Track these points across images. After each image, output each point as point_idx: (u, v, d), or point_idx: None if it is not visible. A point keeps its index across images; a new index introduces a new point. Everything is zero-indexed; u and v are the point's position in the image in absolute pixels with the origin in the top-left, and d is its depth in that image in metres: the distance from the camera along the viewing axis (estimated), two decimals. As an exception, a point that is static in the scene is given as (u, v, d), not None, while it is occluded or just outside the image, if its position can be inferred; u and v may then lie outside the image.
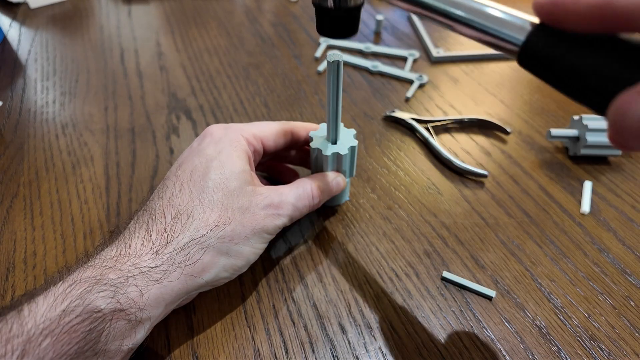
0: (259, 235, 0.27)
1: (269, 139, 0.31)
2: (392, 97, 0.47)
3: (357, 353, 0.27)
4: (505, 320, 0.29)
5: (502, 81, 0.49)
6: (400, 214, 0.35)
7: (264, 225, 0.27)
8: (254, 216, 0.26)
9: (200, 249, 0.24)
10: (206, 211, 0.25)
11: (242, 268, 0.27)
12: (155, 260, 0.23)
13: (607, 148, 0.38)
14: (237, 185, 0.26)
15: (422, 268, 0.31)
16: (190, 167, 0.27)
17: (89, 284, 0.21)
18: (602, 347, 0.27)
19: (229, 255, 0.25)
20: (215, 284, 0.26)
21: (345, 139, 0.31)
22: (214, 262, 0.25)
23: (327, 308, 0.29)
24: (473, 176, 0.38)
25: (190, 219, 0.25)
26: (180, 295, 0.24)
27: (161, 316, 0.25)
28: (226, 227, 0.25)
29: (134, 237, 0.24)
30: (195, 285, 0.25)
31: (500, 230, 0.34)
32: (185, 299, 0.26)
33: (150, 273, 0.23)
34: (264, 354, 0.27)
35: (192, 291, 0.25)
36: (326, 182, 0.31)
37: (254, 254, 0.27)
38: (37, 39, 0.57)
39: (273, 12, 0.63)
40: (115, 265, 0.22)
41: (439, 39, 0.56)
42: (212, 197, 0.26)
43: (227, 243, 0.25)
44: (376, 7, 0.63)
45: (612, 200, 0.36)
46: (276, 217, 0.27)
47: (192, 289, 0.25)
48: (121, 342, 0.22)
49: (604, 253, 0.32)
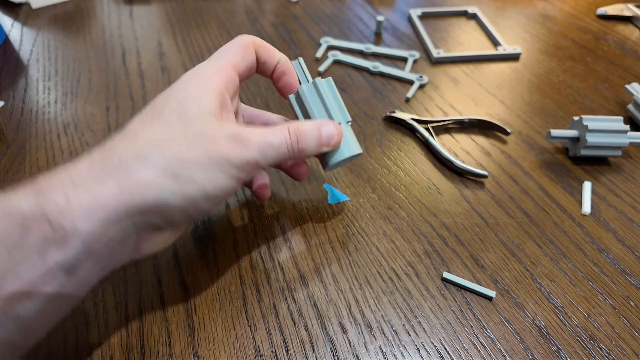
0: (218, 165, 0.23)
1: (237, 62, 0.28)
2: (392, 97, 0.47)
3: (357, 352, 0.27)
4: (505, 320, 0.29)
5: (502, 82, 0.49)
6: (401, 214, 0.35)
7: (226, 154, 0.24)
8: (212, 142, 0.24)
9: (140, 163, 0.22)
10: (155, 130, 0.23)
11: (197, 199, 0.23)
12: (89, 171, 0.22)
13: (607, 149, 0.38)
14: (196, 113, 0.24)
15: (422, 268, 0.32)
16: (153, 102, 0.25)
17: (18, 190, 0.21)
18: (601, 347, 0.27)
19: (177, 178, 0.23)
20: (167, 214, 0.23)
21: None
22: (157, 182, 0.22)
23: (327, 307, 0.29)
24: (473, 176, 0.38)
25: (136, 138, 0.23)
26: (119, 216, 0.21)
27: (103, 249, 0.22)
28: (174, 145, 0.23)
29: (79, 159, 0.23)
30: (136, 208, 0.22)
31: (500, 230, 0.34)
32: (140, 243, 0.24)
33: (81, 180, 0.21)
34: (265, 353, 0.27)
35: (135, 217, 0.22)
36: (312, 125, 0.27)
37: (212, 185, 0.23)
38: (39, 39, 0.57)
39: (274, 12, 0.63)
40: (50, 176, 0.22)
41: (439, 39, 0.56)
42: (166, 120, 0.24)
43: (174, 163, 0.23)
44: (376, 8, 0.63)
45: (612, 201, 0.36)
46: (242, 148, 0.24)
47: (133, 213, 0.22)
48: (45, 252, 0.20)
49: (603, 253, 0.32)
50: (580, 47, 0.55)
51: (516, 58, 0.53)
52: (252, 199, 0.36)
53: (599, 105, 0.46)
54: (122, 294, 0.30)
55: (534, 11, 0.63)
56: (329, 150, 0.28)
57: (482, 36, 0.57)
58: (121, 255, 0.23)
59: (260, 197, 0.33)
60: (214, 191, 0.24)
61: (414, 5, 0.64)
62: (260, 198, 0.33)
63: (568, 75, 0.50)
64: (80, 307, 0.29)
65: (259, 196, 0.33)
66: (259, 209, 0.36)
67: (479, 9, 0.62)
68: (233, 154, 0.24)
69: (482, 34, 0.58)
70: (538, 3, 0.65)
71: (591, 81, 0.49)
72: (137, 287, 0.30)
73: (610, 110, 0.45)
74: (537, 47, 0.55)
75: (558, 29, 0.59)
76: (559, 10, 0.63)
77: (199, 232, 0.34)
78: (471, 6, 0.63)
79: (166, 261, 0.32)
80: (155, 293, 0.30)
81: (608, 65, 0.52)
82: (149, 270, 0.31)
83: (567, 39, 0.56)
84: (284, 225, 0.34)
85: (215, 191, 0.24)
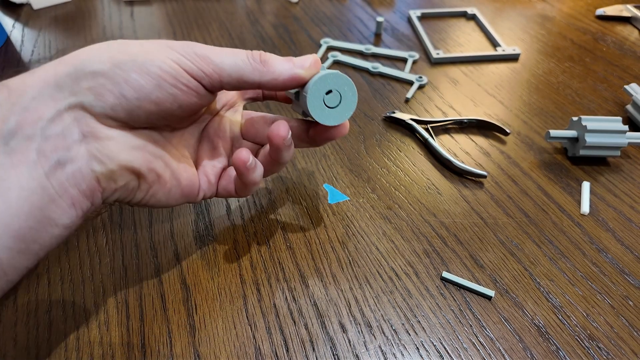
0: (158, 45, 0.23)
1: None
2: (392, 98, 0.47)
3: (357, 351, 0.27)
4: (504, 320, 0.29)
5: (501, 82, 0.50)
6: (400, 214, 0.35)
7: (172, 43, 0.23)
8: (165, 40, 0.24)
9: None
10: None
11: (128, 70, 0.22)
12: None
13: (606, 149, 0.38)
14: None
15: (421, 267, 0.32)
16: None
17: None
18: (600, 346, 0.27)
19: (111, 49, 0.22)
20: (98, 90, 0.21)
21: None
22: (90, 51, 0.22)
23: (327, 307, 0.30)
24: (472, 176, 0.38)
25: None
26: (48, 86, 0.21)
27: (39, 133, 0.20)
28: (126, 40, 0.23)
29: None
30: (63, 74, 0.21)
31: (499, 230, 0.34)
32: (90, 156, 0.22)
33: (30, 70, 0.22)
34: (265, 352, 0.27)
35: (65, 90, 0.21)
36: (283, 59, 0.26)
37: (143, 56, 0.22)
38: (40, 40, 0.58)
39: (274, 13, 0.63)
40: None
41: (438, 40, 0.57)
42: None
43: (114, 45, 0.22)
44: (376, 9, 0.64)
45: (611, 201, 0.36)
46: (195, 44, 0.24)
47: (61, 81, 0.21)
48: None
49: (602, 253, 0.33)
50: (579, 48, 0.55)
51: (515, 59, 0.53)
52: (252, 198, 0.37)
53: (598, 106, 0.46)
54: (123, 293, 0.30)
55: (533, 12, 0.63)
56: (304, 73, 0.26)
57: (482, 37, 0.58)
58: (67, 158, 0.21)
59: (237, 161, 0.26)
60: (143, 60, 0.22)
61: (413, 6, 0.64)
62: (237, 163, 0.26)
63: (567, 75, 0.50)
64: (81, 306, 0.29)
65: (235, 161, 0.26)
66: (259, 209, 0.36)
67: (478, 10, 0.62)
68: (179, 43, 0.23)
69: (482, 35, 0.58)
70: (537, 4, 0.65)
71: (590, 82, 0.49)
72: (138, 287, 0.30)
73: (609, 110, 0.45)
74: (536, 47, 0.55)
75: (557, 29, 0.59)
76: (557, 11, 0.63)
77: (199, 231, 0.34)
78: (470, 7, 0.63)
79: (167, 260, 0.32)
80: (156, 292, 0.30)
81: (607, 65, 0.52)
82: (150, 270, 0.31)
83: (566, 40, 0.57)
84: (284, 225, 0.35)
85: (146, 62, 0.22)
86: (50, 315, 0.29)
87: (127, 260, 0.32)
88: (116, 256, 0.32)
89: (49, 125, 0.21)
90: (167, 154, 0.26)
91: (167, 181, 0.26)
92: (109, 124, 0.22)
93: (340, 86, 0.27)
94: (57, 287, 0.31)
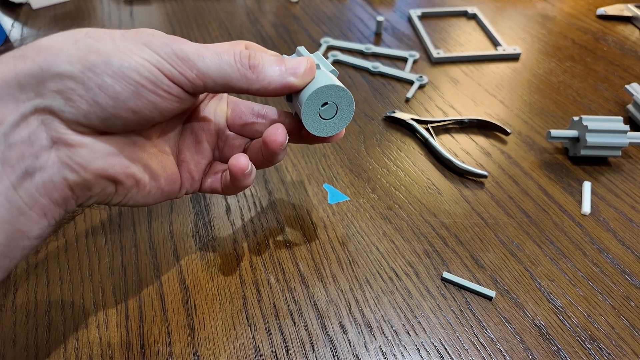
0: (133, 44, 0.20)
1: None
2: (392, 97, 0.47)
3: (357, 352, 0.27)
4: (505, 320, 0.29)
5: (501, 82, 0.49)
6: (401, 214, 0.35)
7: (149, 40, 0.21)
8: (136, 31, 0.21)
9: (46, 37, 0.20)
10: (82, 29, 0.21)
11: (101, 73, 0.19)
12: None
13: (607, 149, 0.38)
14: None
15: (422, 268, 0.32)
16: None
17: None
18: (601, 346, 0.27)
19: (80, 47, 0.19)
20: (67, 94, 0.19)
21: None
22: (56, 47, 0.19)
23: (327, 307, 0.29)
24: (473, 176, 0.38)
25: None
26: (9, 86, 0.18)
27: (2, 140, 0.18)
28: (92, 29, 0.21)
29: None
30: (27, 74, 0.18)
31: (500, 230, 0.34)
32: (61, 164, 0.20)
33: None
34: (265, 353, 0.27)
35: (29, 91, 0.19)
36: (272, 55, 0.24)
37: (117, 58, 0.19)
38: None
39: (274, 13, 0.63)
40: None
41: (439, 40, 0.56)
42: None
43: (82, 36, 0.20)
44: (376, 9, 0.64)
45: (612, 201, 0.36)
46: (173, 39, 0.21)
47: (26, 83, 0.18)
48: None
49: (603, 253, 0.32)
50: (580, 48, 0.55)
51: (516, 58, 0.53)
52: (252, 199, 0.37)
53: (599, 106, 0.46)
54: (122, 293, 0.30)
55: (534, 11, 0.63)
56: (297, 82, 0.24)
57: (482, 36, 0.57)
58: (36, 167, 0.19)
59: (234, 170, 0.25)
60: (119, 65, 0.19)
61: (414, 6, 0.64)
62: (234, 171, 0.25)
63: (568, 75, 0.50)
64: (80, 307, 0.29)
65: (231, 169, 0.25)
66: (259, 209, 0.36)
67: (478, 9, 0.62)
68: (157, 39, 0.21)
69: (482, 34, 0.58)
70: (538, 3, 0.65)
71: (591, 81, 0.49)
72: (138, 287, 0.30)
73: (609, 110, 0.45)
74: (537, 47, 0.55)
75: (558, 29, 0.59)
76: (558, 11, 0.63)
77: (199, 232, 0.34)
78: (471, 6, 0.63)
79: (166, 261, 0.32)
80: (155, 293, 0.30)
81: (608, 65, 0.52)
82: (150, 270, 0.31)
83: (566, 39, 0.57)
84: (284, 225, 0.34)
85: (121, 66, 0.19)
86: (49, 315, 0.29)
87: (127, 260, 0.32)
88: (115, 256, 0.32)
89: (12, 131, 0.18)
90: (145, 155, 0.24)
91: (147, 184, 0.24)
92: (81, 131, 0.20)
93: (337, 98, 0.25)
94: (56, 287, 0.30)
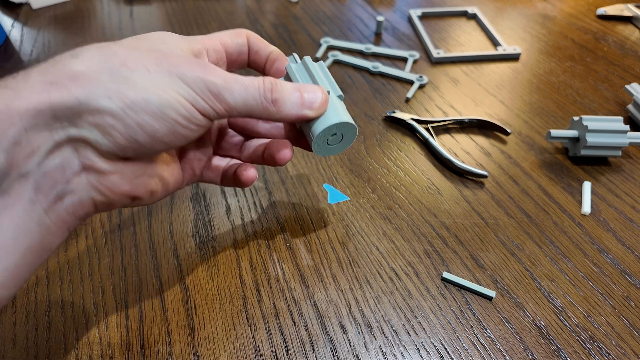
0: (168, 76, 0.20)
1: (225, 39, 0.26)
2: (392, 97, 0.47)
3: (357, 352, 0.27)
4: (505, 320, 0.29)
5: (502, 82, 0.49)
6: (401, 214, 0.35)
7: (181, 67, 0.21)
8: (169, 55, 0.21)
9: (74, 58, 0.19)
10: (108, 46, 0.21)
11: (138, 109, 0.19)
12: (22, 74, 0.19)
13: (607, 149, 0.38)
14: (164, 43, 0.22)
15: (422, 268, 0.32)
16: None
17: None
18: (601, 347, 0.27)
19: (117, 79, 0.19)
20: (104, 126, 0.19)
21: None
22: (92, 76, 0.19)
23: (327, 307, 0.29)
24: (473, 176, 0.38)
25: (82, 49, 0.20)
26: (43, 115, 0.18)
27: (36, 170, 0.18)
28: (122, 51, 0.20)
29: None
30: (63, 106, 0.18)
31: (500, 230, 0.34)
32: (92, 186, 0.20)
33: (5, 82, 0.18)
34: (265, 353, 0.27)
35: (64, 121, 0.18)
36: (292, 85, 0.25)
37: (157, 95, 0.20)
38: (39, 40, 0.57)
39: (274, 12, 0.63)
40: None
41: (439, 40, 0.56)
42: (124, 42, 0.22)
43: (115, 62, 0.20)
44: (376, 9, 0.63)
45: (612, 201, 0.36)
46: (204, 68, 0.22)
47: (61, 115, 0.18)
48: None
49: (603, 253, 0.32)
50: (580, 47, 0.55)
51: (516, 58, 0.53)
52: (252, 199, 0.37)
53: (599, 106, 0.46)
54: (122, 293, 0.30)
55: (534, 11, 0.63)
56: (313, 115, 0.25)
57: (482, 36, 0.57)
58: (67, 191, 0.20)
59: (244, 180, 0.28)
60: (158, 103, 0.20)
61: (414, 6, 0.64)
62: (244, 181, 0.28)
63: (568, 75, 0.50)
64: (80, 307, 0.29)
65: (240, 178, 0.28)
66: (259, 209, 0.36)
67: (478, 9, 0.62)
68: (189, 69, 0.21)
69: (482, 34, 0.58)
70: (538, 3, 0.65)
71: (591, 81, 0.49)
72: (138, 287, 0.30)
73: (610, 110, 0.45)
74: (537, 47, 0.55)
75: (558, 29, 0.59)
76: (558, 11, 0.63)
77: (199, 232, 0.34)
78: (471, 6, 0.63)
79: (166, 261, 0.32)
80: (155, 293, 0.30)
81: (608, 65, 0.52)
82: (150, 270, 0.31)
83: (566, 39, 0.57)
84: (284, 225, 0.34)
85: (161, 105, 0.20)
86: (49, 315, 0.29)
87: (127, 260, 0.32)
88: (115, 256, 0.32)
89: (45, 159, 0.19)
90: (159, 167, 0.24)
91: (159, 192, 0.25)
92: (111, 158, 0.21)
93: (345, 130, 0.27)
94: (56, 287, 0.30)
